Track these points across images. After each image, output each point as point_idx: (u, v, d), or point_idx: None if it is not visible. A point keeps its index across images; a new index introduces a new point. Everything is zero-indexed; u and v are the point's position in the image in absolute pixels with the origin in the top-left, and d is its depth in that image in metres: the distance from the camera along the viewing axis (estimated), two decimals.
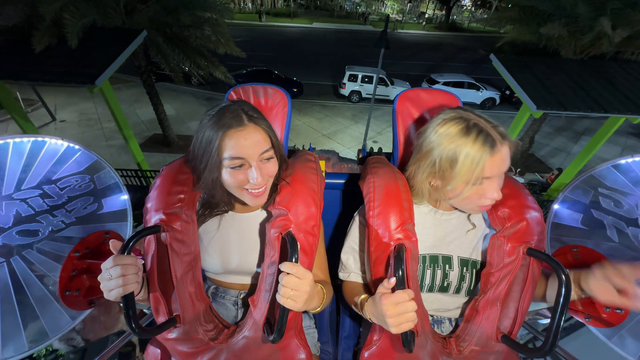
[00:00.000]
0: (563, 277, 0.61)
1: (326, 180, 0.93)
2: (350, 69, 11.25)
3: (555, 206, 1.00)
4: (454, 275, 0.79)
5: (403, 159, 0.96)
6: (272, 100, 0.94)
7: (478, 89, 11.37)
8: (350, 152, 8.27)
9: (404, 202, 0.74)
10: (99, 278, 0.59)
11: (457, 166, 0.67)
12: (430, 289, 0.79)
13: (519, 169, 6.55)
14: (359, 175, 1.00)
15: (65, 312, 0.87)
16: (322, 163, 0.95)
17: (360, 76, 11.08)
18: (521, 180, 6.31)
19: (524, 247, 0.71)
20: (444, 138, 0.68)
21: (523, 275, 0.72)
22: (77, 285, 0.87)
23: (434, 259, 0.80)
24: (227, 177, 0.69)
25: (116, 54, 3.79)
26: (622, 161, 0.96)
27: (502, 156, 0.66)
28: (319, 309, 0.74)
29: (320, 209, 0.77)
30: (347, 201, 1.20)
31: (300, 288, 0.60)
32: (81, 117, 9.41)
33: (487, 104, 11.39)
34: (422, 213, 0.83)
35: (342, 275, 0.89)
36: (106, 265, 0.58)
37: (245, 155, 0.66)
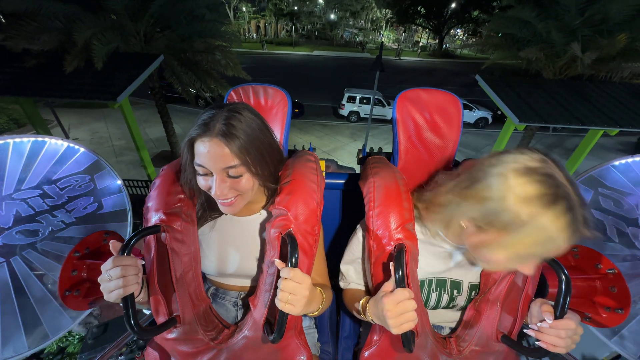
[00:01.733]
0: (563, 277, 0.61)
1: (326, 180, 0.93)
2: (349, 91, 11.91)
3: None
4: (461, 299, 0.77)
5: (403, 159, 0.96)
6: (272, 100, 0.94)
7: (471, 109, 11.87)
8: (350, 166, 9.02)
9: (404, 202, 0.74)
10: (99, 279, 0.59)
11: (517, 236, 0.52)
12: (435, 308, 0.79)
13: None
14: (359, 175, 1.00)
15: (65, 312, 0.87)
16: (322, 163, 0.95)
17: (358, 97, 11.73)
18: None
19: None
20: (516, 195, 0.51)
21: (523, 275, 0.72)
22: (77, 285, 0.87)
23: (441, 282, 0.78)
24: (198, 181, 0.69)
25: (136, 75, 4.44)
26: (622, 161, 0.96)
27: (569, 242, 0.51)
28: (317, 312, 0.73)
29: (320, 209, 0.77)
30: (347, 201, 1.20)
31: (298, 292, 0.60)
32: (93, 135, 9.94)
33: (480, 123, 11.95)
34: (434, 241, 0.77)
35: (342, 284, 0.88)
36: (106, 266, 0.58)
37: (206, 165, 0.64)
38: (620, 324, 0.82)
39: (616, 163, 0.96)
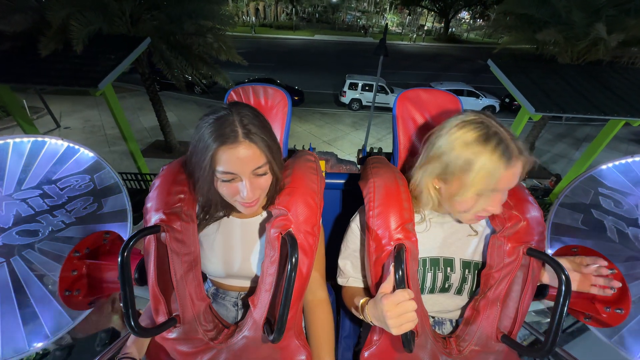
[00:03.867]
0: (563, 277, 0.61)
1: (326, 180, 0.93)
2: (351, 78, 11.35)
3: (556, 206, 1.00)
4: (455, 278, 0.78)
5: (403, 159, 0.96)
6: (272, 100, 0.94)
7: (477, 96, 11.34)
8: (351, 157, 8.52)
9: (404, 202, 0.74)
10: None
11: (471, 175, 0.63)
12: (431, 291, 0.79)
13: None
14: (359, 175, 1.00)
15: (65, 312, 0.87)
16: (322, 163, 0.95)
17: (360, 84, 11.18)
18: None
19: (524, 247, 0.71)
20: (460, 142, 0.64)
21: (523, 275, 0.72)
22: (77, 286, 0.87)
23: (434, 262, 0.79)
24: (219, 188, 0.69)
25: (120, 59, 3.94)
26: (622, 161, 0.96)
27: (516, 171, 0.62)
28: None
29: (320, 209, 0.77)
30: (347, 201, 1.20)
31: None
32: (85, 124, 9.69)
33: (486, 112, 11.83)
34: (423, 216, 0.82)
35: (340, 281, 0.88)
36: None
37: (236, 171, 0.65)
38: (620, 324, 0.82)
39: (616, 163, 0.96)
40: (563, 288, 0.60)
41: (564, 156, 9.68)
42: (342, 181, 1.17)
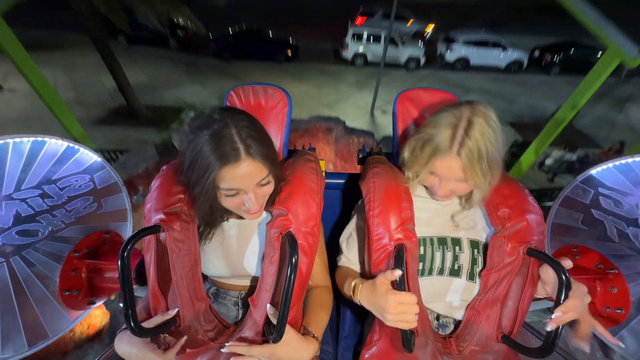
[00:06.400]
0: (563, 277, 0.60)
1: (326, 180, 0.93)
2: (354, 27, 9.81)
3: (556, 206, 1.00)
4: (465, 258, 0.77)
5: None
6: (272, 100, 0.94)
7: (504, 48, 9.77)
8: (355, 125, 6.88)
9: (403, 202, 0.74)
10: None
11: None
12: (441, 272, 0.78)
13: (565, 145, 5.82)
14: (359, 175, 1.00)
15: (65, 312, 0.87)
16: (322, 163, 0.95)
17: (365, 34, 9.41)
18: (574, 157, 5.80)
19: (524, 247, 0.71)
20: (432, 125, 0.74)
21: (523, 275, 0.72)
22: (77, 285, 0.87)
23: (442, 240, 0.79)
24: (224, 202, 0.69)
25: None
26: (622, 161, 0.96)
27: (448, 163, 0.69)
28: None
29: (320, 209, 0.77)
30: (347, 201, 1.20)
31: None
32: None
33: (512, 68, 9.82)
34: (424, 198, 0.84)
35: (338, 259, 0.90)
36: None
37: (241, 187, 0.66)
38: (620, 324, 0.82)
39: (616, 163, 0.96)
40: (563, 288, 0.60)
41: (605, 119, 8.15)
42: (342, 181, 1.17)
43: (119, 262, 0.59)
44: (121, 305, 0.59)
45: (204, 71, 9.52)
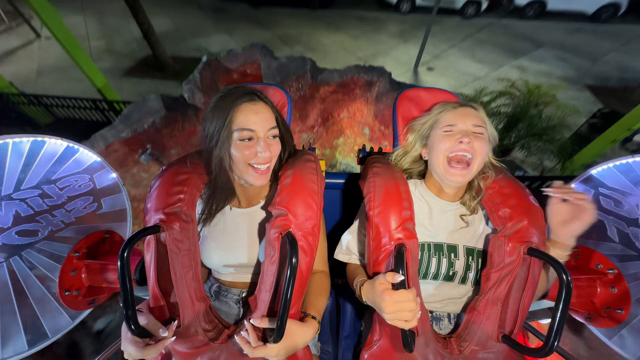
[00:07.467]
0: (564, 277, 0.60)
1: (326, 180, 0.93)
2: None
3: None
4: (459, 265, 0.79)
5: None
6: (273, 100, 0.94)
7: None
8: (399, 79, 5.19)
9: (404, 202, 0.74)
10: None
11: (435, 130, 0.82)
12: (435, 277, 0.80)
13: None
14: (359, 175, 1.00)
15: (65, 312, 0.87)
16: (322, 163, 0.95)
17: None
18: None
19: (525, 246, 0.71)
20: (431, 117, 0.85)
21: (524, 275, 0.72)
22: (76, 285, 0.87)
23: (438, 247, 0.80)
24: (235, 151, 0.72)
25: None
26: (623, 161, 0.96)
27: (461, 111, 0.80)
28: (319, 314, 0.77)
29: (320, 209, 0.77)
30: (347, 201, 1.20)
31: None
32: None
33: (604, 14, 7.30)
34: (425, 202, 0.85)
35: (337, 252, 0.91)
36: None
37: (254, 128, 0.71)
38: (620, 324, 0.82)
39: (617, 163, 0.96)
40: (564, 288, 0.60)
41: None
42: (342, 181, 1.17)
43: (119, 263, 0.59)
44: (121, 305, 0.59)
45: (233, 18, 8.60)
